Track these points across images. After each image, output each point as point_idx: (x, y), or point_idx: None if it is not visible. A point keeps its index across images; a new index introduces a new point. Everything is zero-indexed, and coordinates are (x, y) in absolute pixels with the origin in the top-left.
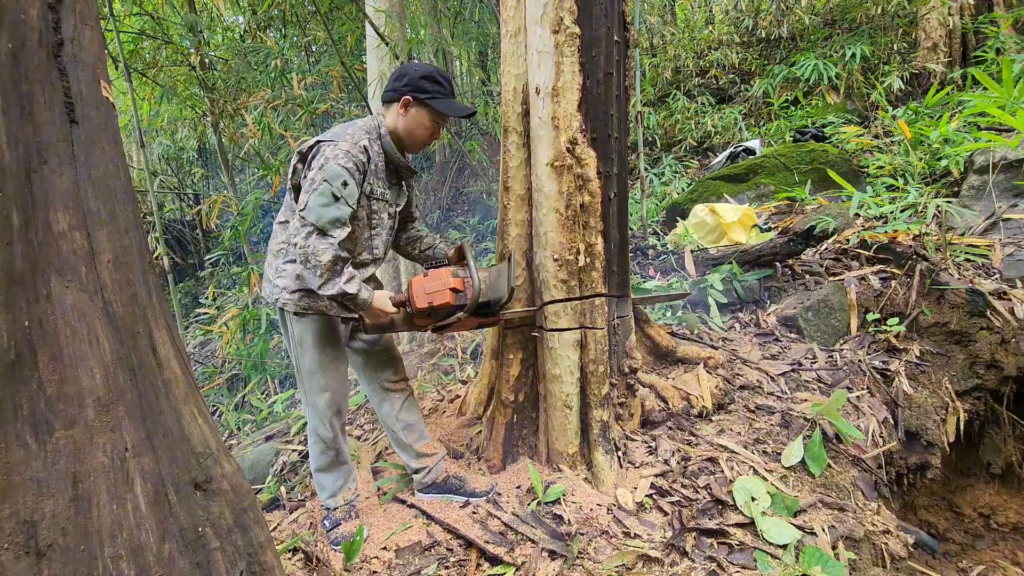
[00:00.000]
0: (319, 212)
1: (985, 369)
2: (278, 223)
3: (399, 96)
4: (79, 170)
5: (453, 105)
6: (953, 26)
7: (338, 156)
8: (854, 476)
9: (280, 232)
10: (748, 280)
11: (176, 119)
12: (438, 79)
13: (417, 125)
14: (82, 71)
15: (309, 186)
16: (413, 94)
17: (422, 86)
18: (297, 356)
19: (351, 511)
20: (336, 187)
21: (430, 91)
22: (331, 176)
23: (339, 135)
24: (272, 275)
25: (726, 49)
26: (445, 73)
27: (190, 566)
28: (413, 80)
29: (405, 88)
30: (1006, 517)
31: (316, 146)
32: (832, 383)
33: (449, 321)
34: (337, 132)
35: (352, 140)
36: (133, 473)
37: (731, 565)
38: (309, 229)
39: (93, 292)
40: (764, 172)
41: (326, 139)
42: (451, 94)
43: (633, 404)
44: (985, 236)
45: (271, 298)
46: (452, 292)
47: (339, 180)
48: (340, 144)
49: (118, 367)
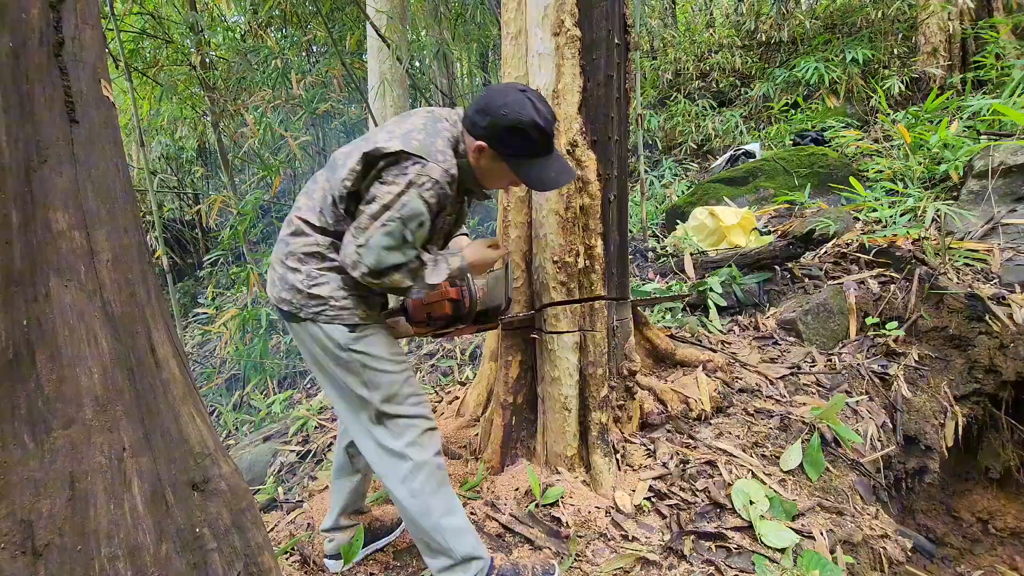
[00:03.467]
0: (380, 256)
1: (984, 374)
2: (304, 220)
3: (474, 136)
4: (79, 169)
5: (540, 173)
6: (953, 31)
7: (424, 187)
8: (853, 480)
9: (312, 235)
10: (747, 283)
11: (176, 118)
12: (529, 133)
13: (492, 174)
14: (83, 70)
15: (379, 214)
16: (491, 144)
17: (505, 139)
18: (363, 379)
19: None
20: (410, 229)
21: (514, 147)
22: (408, 216)
23: (428, 149)
24: (302, 283)
25: (727, 52)
26: (542, 118)
27: (187, 567)
28: (495, 128)
29: (482, 132)
30: (1004, 522)
31: (397, 157)
32: (831, 387)
33: (448, 330)
34: (425, 144)
35: (444, 164)
36: (131, 473)
37: (729, 569)
38: (363, 271)
39: (92, 292)
40: (764, 175)
41: (412, 152)
42: (544, 150)
43: (632, 407)
44: (984, 241)
45: (303, 311)
46: (450, 303)
47: (415, 221)
48: (430, 168)
49: (116, 367)
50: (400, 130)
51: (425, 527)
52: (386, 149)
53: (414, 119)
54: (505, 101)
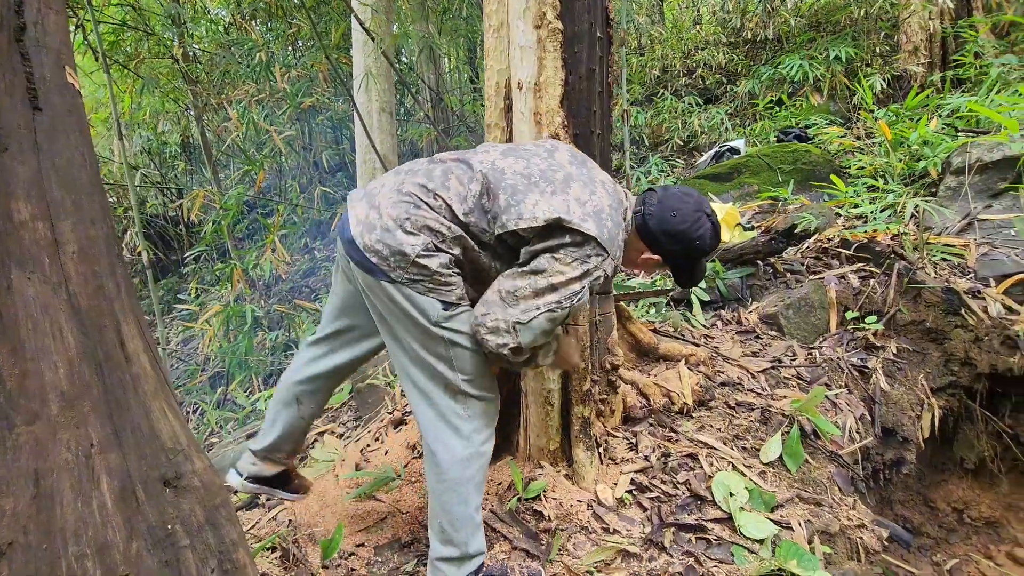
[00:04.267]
0: (536, 338)
1: (959, 366)
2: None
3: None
4: (42, 158)
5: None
6: (933, 30)
7: (596, 279)
8: (831, 471)
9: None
10: (731, 278)
11: (159, 112)
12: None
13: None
14: (46, 56)
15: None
16: (666, 259)
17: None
18: (448, 356)
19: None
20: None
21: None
22: (577, 306)
23: (613, 241)
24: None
25: (713, 49)
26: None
27: (159, 564)
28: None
29: (666, 249)
30: (979, 511)
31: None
32: (811, 380)
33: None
34: (612, 233)
35: (614, 262)
36: (99, 470)
37: (709, 560)
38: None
39: (57, 284)
40: (748, 171)
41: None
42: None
43: (614, 401)
44: (961, 236)
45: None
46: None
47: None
48: (607, 263)
49: (83, 361)
50: (592, 205)
51: (455, 515)
52: (582, 229)
53: (601, 195)
54: (700, 234)
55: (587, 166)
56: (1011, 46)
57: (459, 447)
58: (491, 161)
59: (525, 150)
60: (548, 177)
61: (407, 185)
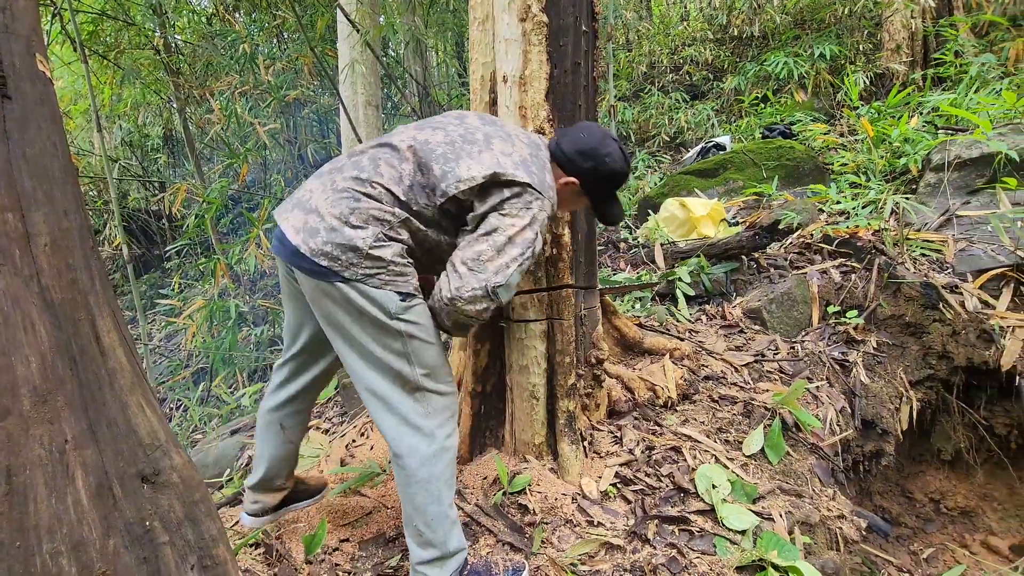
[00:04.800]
0: (510, 285)
1: (937, 360)
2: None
3: (568, 172)
4: (12, 148)
5: (615, 211)
6: (915, 29)
7: (542, 223)
8: (812, 463)
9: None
10: (715, 273)
11: (140, 104)
12: (620, 180)
13: (568, 202)
14: (15, 43)
15: (505, 249)
16: (585, 185)
17: (600, 184)
18: (407, 350)
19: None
20: (529, 258)
21: (604, 191)
22: (535, 252)
23: (543, 183)
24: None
25: (700, 46)
26: (628, 166)
27: (137, 561)
28: (595, 173)
29: (581, 172)
30: (955, 501)
31: (523, 189)
32: (793, 373)
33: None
34: (541, 178)
35: (551, 202)
36: (74, 466)
37: (691, 551)
38: (491, 305)
39: (28, 277)
40: (733, 168)
41: (535, 186)
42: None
43: (599, 395)
44: (940, 232)
45: (352, 270)
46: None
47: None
48: (546, 204)
49: (57, 355)
50: (517, 155)
51: (430, 514)
52: (516, 178)
53: (520, 146)
54: (609, 151)
55: (498, 124)
56: (990, 45)
57: (424, 446)
58: (412, 137)
59: (437, 122)
60: (470, 139)
61: (340, 182)
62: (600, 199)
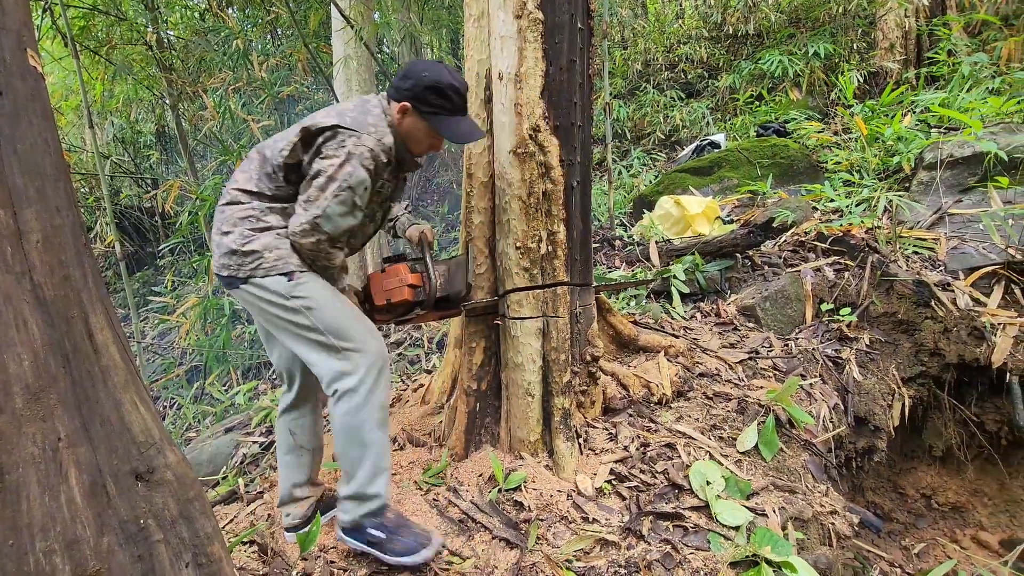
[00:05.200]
0: (338, 223)
1: (929, 357)
2: (241, 190)
3: (399, 99)
4: (3, 144)
5: (455, 128)
6: (909, 27)
7: (363, 156)
8: (805, 460)
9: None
10: (710, 271)
11: (132, 100)
12: (446, 92)
13: (414, 135)
14: (5, 38)
15: (326, 186)
16: (414, 103)
17: (425, 97)
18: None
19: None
20: (359, 195)
21: (433, 105)
22: (356, 182)
23: (360, 123)
24: (236, 242)
25: (695, 44)
26: (457, 82)
27: (131, 559)
28: (417, 88)
29: (406, 93)
30: (946, 497)
31: (333, 132)
32: (787, 370)
33: (409, 316)
34: (357, 119)
35: (377, 135)
36: (67, 464)
37: (686, 547)
38: (322, 237)
39: (20, 274)
40: (728, 166)
41: (345, 126)
42: (459, 110)
43: (595, 392)
44: (932, 230)
45: (242, 270)
46: (410, 288)
47: (362, 187)
48: (364, 139)
49: (49, 353)
50: (335, 111)
51: (352, 457)
52: (323, 124)
53: (346, 103)
54: (425, 67)
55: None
56: (983, 44)
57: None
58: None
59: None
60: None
61: (220, 203)
62: (433, 113)
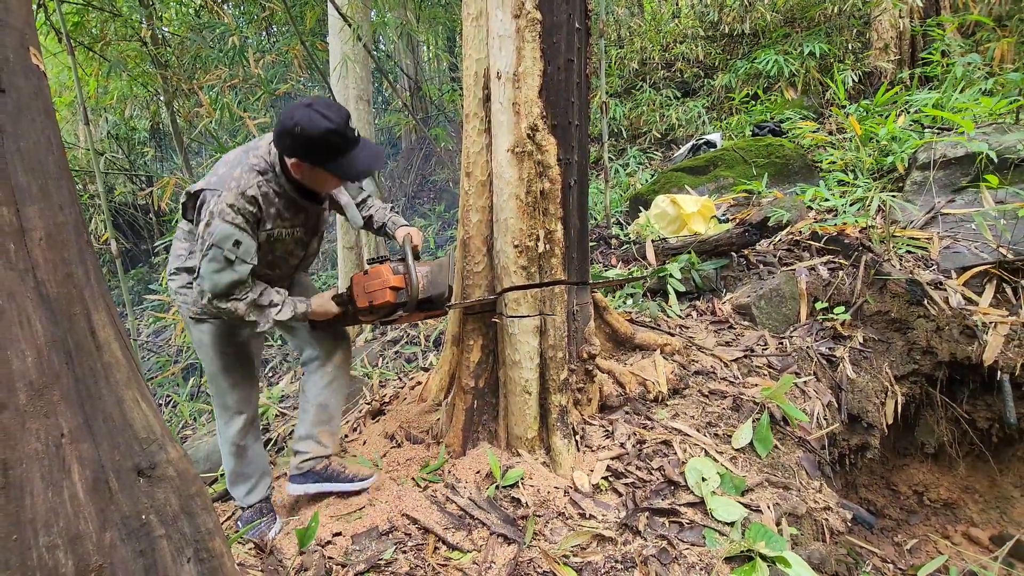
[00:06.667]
0: (214, 280)
1: (921, 355)
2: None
3: (286, 154)
4: (6, 142)
5: (349, 168)
6: (903, 28)
7: (224, 213)
8: (799, 456)
9: (183, 238)
10: (705, 269)
11: (126, 96)
12: (326, 140)
13: (318, 180)
14: (8, 36)
15: (200, 247)
16: (300, 157)
17: (308, 151)
18: (201, 359)
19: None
20: (228, 249)
21: (320, 154)
22: (220, 239)
23: (224, 181)
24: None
25: (691, 43)
26: (333, 123)
27: (133, 554)
28: (297, 145)
29: (289, 150)
30: (938, 494)
31: (197, 197)
32: (781, 368)
33: (392, 318)
34: (223, 176)
35: (238, 189)
36: (70, 460)
37: (681, 543)
38: (208, 296)
39: (23, 271)
40: (724, 165)
41: (210, 187)
42: (348, 146)
43: (591, 389)
44: (925, 229)
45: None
46: (392, 291)
47: (229, 241)
48: (224, 196)
49: (52, 350)
50: (215, 168)
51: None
52: (194, 190)
53: (228, 155)
54: (296, 119)
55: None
56: (976, 45)
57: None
58: None
59: None
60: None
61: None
62: (324, 163)
